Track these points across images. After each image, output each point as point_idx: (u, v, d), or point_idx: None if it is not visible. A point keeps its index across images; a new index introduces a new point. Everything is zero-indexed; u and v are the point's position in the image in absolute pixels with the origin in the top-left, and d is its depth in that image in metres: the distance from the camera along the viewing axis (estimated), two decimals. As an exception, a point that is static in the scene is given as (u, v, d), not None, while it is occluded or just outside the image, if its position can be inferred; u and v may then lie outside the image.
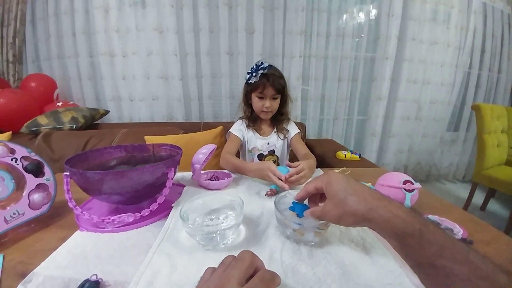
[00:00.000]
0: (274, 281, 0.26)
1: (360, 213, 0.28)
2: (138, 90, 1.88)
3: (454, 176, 2.54)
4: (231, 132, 0.98)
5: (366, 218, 0.28)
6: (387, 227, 0.26)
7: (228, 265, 0.26)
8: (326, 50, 1.98)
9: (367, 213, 0.28)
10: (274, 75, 0.90)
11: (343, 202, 0.30)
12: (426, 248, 0.23)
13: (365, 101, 2.19)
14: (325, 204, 0.34)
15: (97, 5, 1.73)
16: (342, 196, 0.31)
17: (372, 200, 0.29)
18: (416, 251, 0.24)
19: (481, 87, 2.30)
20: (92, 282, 0.32)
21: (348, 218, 0.30)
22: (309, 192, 0.38)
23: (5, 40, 1.81)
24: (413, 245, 0.24)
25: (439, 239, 0.23)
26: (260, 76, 0.89)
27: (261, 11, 1.82)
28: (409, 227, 0.25)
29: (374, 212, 0.27)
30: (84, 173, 0.44)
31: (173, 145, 0.64)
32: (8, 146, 0.46)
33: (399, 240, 0.25)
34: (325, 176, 0.36)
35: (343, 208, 0.30)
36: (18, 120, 1.44)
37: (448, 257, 0.22)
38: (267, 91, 0.90)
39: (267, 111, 0.93)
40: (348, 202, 0.30)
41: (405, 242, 0.25)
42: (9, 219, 0.44)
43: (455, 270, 0.21)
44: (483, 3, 2.10)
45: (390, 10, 1.94)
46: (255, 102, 0.94)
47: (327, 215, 0.33)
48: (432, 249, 0.23)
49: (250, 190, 0.66)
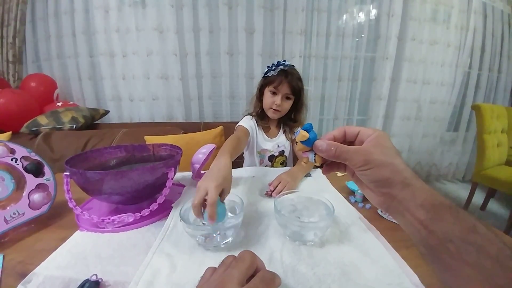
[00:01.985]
0: (274, 282, 0.25)
1: (403, 175, 0.26)
2: (138, 90, 1.88)
3: (454, 176, 2.54)
4: (242, 125, 0.93)
5: (406, 182, 0.26)
6: (421, 196, 0.25)
7: (229, 265, 0.26)
8: (326, 50, 1.98)
9: (408, 179, 0.26)
10: (293, 74, 0.88)
11: (391, 156, 0.27)
12: (461, 223, 0.23)
13: (365, 101, 2.19)
14: (366, 146, 0.28)
15: (97, 5, 1.73)
16: (392, 152, 0.27)
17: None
18: (450, 225, 0.23)
19: (481, 87, 2.30)
20: (92, 282, 0.32)
21: (386, 170, 0.26)
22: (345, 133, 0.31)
23: (5, 40, 1.81)
24: (448, 219, 0.23)
25: (472, 217, 0.23)
26: (278, 71, 0.87)
27: (261, 11, 1.82)
28: (447, 201, 0.24)
29: (416, 181, 0.26)
30: (84, 173, 0.44)
31: (173, 145, 0.64)
32: (8, 146, 0.46)
33: (434, 212, 0.24)
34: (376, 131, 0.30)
35: (389, 158, 0.27)
36: (18, 120, 1.44)
37: (481, 233, 0.22)
38: (281, 87, 0.87)
39: (276, 109, 0.90)
40: (396, 159, 0.27)
41: (439, 216, 0.24)
42: (9, 219, 0.44)
43: (486, 246, 0.21)
44: (483, 3, 2.10)
45: (390, 10, 1.94)
46: (266, 97, 0.91)
47: (361, 154, 0.27)
48: (467, 224, 0.22)
49: (250, 190, 0.65)
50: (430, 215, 0.24)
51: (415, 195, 0.25)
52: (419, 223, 0.24)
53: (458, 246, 0.22)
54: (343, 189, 0.67)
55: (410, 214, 0.25)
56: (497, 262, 0.20)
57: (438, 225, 0.23)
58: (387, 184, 0.26)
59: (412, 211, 0.25)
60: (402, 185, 0.26)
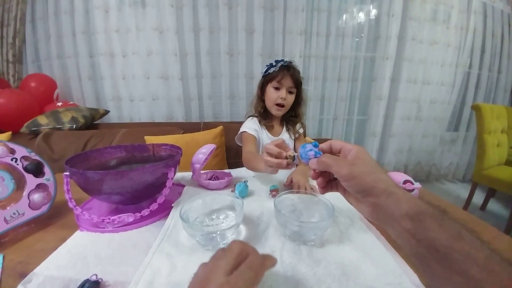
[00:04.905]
0: (264, 265, 0.26)
1: (385, 183, 0.27)
2: (138, 90, 1.88)
3: (454, 176, 2.53)
4: (247, 131, 0.93)
5: (388, 190, 0.27)
6: (406, 206, 0.25)
7: (218, 257, 0.26)
8: (326, 50, 1.98)
9: (391, 187, 0.27)
10: (295, 69, 0.90)
11: (372, 167, 0.29)
12: (446, 230, 0.23)
13: (365, 101, 2.19)
14: (348, 160, 0.31)
15: (97, 5, 1.72)
16: (373, 164, 0.30)
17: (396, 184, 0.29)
18: (435, 233, 0.23)
19: (481, 87, 2.30)
20: (92, 282, 0.32)
21: (368, 179, 0.28)
22: (331, 147, 0.35)
23: (5, 40, 1.81)
24: (433, 227, 0.23)
25: (457, 223, 0.23)
26: (279, 67, 0.88)
27: (261, 11, 1.82)
28: (430, 209, 0.25)
29: (398, 189, 0.27)
30: (84, 173, 0.44)
31: (173, 145, 0.64)
32: (8, 146, 0.46)
33: (417, 220, 0.24)
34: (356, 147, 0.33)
35: (371, 169, 0.29)
36: (18, 120, 1.44)
37: (467, 240, 0.21)
38: (285, 81, 0.87)
39: (281, 103, 0.89)
40: (378, 170, 0.29)
41: (424, 224, 0.24)
42: (9, 219, 0.44)
43: (473, 254, 0.21)
44: (483, 3, 2.10)
45: (390, 10, 1.94)
46: (270, 93, 0.91)
47: (346, 166, 0.29)
48: (452, 231, 0.22)
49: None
50: (415, 224, 0.24)
51: (399, 203, 0.26)
52: (407, 232, 0.25)
53: (445, 254, 0.22)
54: (343, 189, 0.67)
55: (397, 224, 0.25)
56: (485, 270, 0.20)
57: (424, 234, 0.23)
58: (373, 193, 0.27)
59: (398, 221, 0.25)
60: (386, 193, 0.27)
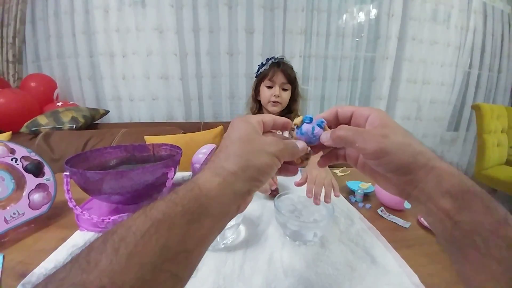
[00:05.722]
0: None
1: (426, 156, 0.22)
2: (138, 90, 1.88)
3: (454, 176, 2.53)
4: None
5: (429, 165, 0.22)
6: (448, 183, 0.21)
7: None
8: (326, 50, 1.98)
9: (432, 160, 0.22)
10: (285, 64, 0.89)
11: (406, 136, 0.23)
12: (493, 213, 0.20)
13: (365, 101, 2.18)
14: (374, 130, 0.25)
15: (97, 5, 1.72)
16: (404, 132, 0.24)
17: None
18: (480, 216, 0.20)
19: (481, 87, 2.30)
20: (92, 282, 0.32)
21: (405, 154, 0.22)
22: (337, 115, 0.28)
23: (5, 40, 1.81)
24: (478, 209, 0.20)
25: (502, 207, 0.20)
26: (270, 64, 0.87)
27: (261, 11, 1.81)
28: (477, 187, 0.21)
29: (440, 163, 0.22)
30: (84, 173, 0.44)
31: (173, 145, 0.64)
32: (8, 146, 0.46)
33: (462, 200, 0.21)
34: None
35: (406, 139, 0.23)
36: (18, 120, 1.44)
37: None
38: (276, 78, 0.86)
39: (275, 100, 0.88)
40: (412, 139, 0.23)
41: (468, 205, 0.20)
42: (9, 219, 0.44)
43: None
44: (483, 3, 2.10)
45: (390, 10, 1.93)
46: (263, 92, 0.90)
47: (375, 140, 0.23)
48: (498, 215, 0.19)
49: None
50: (457, 204, 0.21)
51: (441, 180, 0.21)
52: (444, 213, 0.21)
53: (486, 240, 0.19)
54: (343, 189, 0.67)
55: (434, 203, 0.22)
56: None
57: (466, 216, 0.20)
58: (409, 170, 0.22)
59: (436, 200, 0.22)
60: (426, 169, 0.22)
